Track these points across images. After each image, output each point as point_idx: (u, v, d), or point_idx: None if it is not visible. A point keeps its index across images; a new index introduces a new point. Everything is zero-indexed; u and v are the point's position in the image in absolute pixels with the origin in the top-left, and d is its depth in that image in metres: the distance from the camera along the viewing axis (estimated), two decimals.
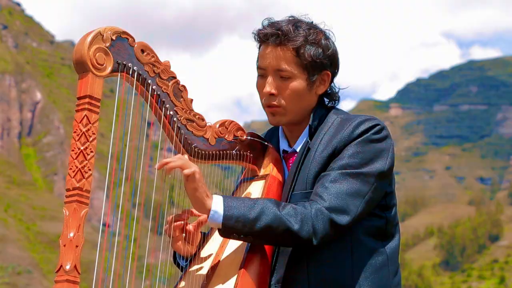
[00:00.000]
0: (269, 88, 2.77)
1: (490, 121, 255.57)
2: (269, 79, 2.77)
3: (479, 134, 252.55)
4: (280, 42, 2.73)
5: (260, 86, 2.80)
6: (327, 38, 2.79)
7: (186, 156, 2.66)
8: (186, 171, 2.55)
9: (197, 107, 2.73)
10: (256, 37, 2.79)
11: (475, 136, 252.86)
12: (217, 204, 2.57)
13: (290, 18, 2.80)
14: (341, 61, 2.85)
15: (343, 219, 2.61)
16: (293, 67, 2.74)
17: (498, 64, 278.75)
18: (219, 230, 2.60)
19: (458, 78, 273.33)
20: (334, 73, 2.83)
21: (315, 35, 2.75)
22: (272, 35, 2.74)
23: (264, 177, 2.85)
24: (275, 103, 2.77)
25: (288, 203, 2.66)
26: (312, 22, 2.81)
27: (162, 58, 2.63)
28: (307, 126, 2.80)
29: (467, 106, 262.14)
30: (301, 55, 2.73)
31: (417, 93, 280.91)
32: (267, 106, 2.80)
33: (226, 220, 2.56)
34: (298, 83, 2.76)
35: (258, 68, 2.79)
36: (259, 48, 2.80)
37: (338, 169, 2.66)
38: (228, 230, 2.57)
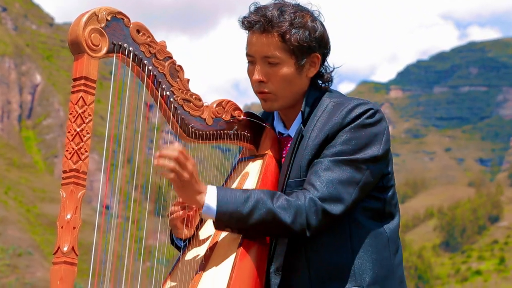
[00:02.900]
0: (258, 75, 2.75)
1: (490, 103, 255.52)
2: (258, 66, 2.75)
3: (479, 115, 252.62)
4: (265, 29, 2.70)
5: (250, 73, 2.78)
6: (314, 19, 2.75)
7: (183, 143, 2.65)
8: (172, 178, 2.53)
9: (195, 89, 2.72)
10: (241, 25, 2.76)
11: (475, 117, 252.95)
12: (210, 199, 2.56)
13: (276, 2, 2.76)
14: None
15: (336, 209, 2.60)
16: (280, 52, 2.71)
17: (499, 45, 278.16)
18: (213, 223, 2.60)
19: (458, 60, 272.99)
20: (325, 54, 2.80)
21: (301, 18, 2.71)
22: (257, 22, 2.71)
23: (261, 156, 2.84)
24: (265, 90, 2.76)
25: (283, 193, 2.64)
26: (298, 4, 2.77)
27: (160, 40, 2.62)
28: (300, 112, 2.78)
29: (467, 87, 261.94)
30: (287, 40, 2.70)
31: (417, 75, 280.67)
32: (258, 92, 2.78)
33: (219, 216, 2.56)
34: (286, 69, 2.73)
35: (247, 55, 2.77)
36: (247, 34, 2.78)
37: (331, 156, 2.64)
38: (221, 224, 2.58)
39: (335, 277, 2.64)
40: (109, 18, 2.49)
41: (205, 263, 2.66)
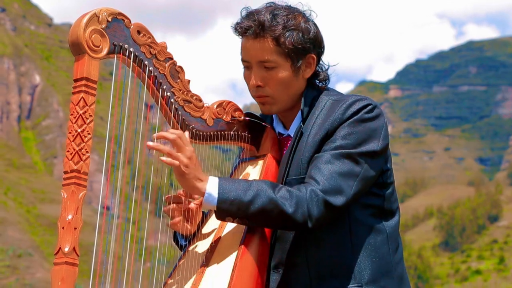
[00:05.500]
0: (255, 80, 2.75)
1: (489, 102, 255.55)
2: (254, 71, 2.75)
3: (479, 115, 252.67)
4: (259, 34, 2.70)
5: (246, 78, 2.78)
6: (306, 20, 2.75)
7: (187, 133, 2.64)
8: (169, 162, 2.52)
9: (193, 90, 2.72)
10: (234, 30, 2.76)
11: (475, 117, 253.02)
12: (212, 187, 2.56)
13: (268, 6, 2.75)
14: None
15: (338, 200, 2.59)
16: (275, 56, 2.71)
17: (497, 44, 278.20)
18: (214, 212, 2.59)
19: (457, 59, 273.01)
20: (320, 53, 2.80)
21: (293, 20, 2.71)
22: (250, 28, 2.70)
23: (262, 157, 2.85)
24: (263, 93, 2.76)
25: (284, 185, 2.64)
26: (289, 6, 2.76)
27: (157, 40, 2.62)
28: (300, 111, 2.78)
29: (466, 87, 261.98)
30: (281, 43, 2.70)
31: (416, 74, 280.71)
32: (256, 97, 2.79)
33: (220, 203, 2.55)
34: (283, 72, 2.73)
35: (242, 60, 2.77)
36: (241, 40, 2.77)
37: (330, 150, 2.65)
38: (222, 212, 2.56)
39: (335, 274, 2.64)
40: (109, 19, 2.49)
41: (206, 263, 2.66)
